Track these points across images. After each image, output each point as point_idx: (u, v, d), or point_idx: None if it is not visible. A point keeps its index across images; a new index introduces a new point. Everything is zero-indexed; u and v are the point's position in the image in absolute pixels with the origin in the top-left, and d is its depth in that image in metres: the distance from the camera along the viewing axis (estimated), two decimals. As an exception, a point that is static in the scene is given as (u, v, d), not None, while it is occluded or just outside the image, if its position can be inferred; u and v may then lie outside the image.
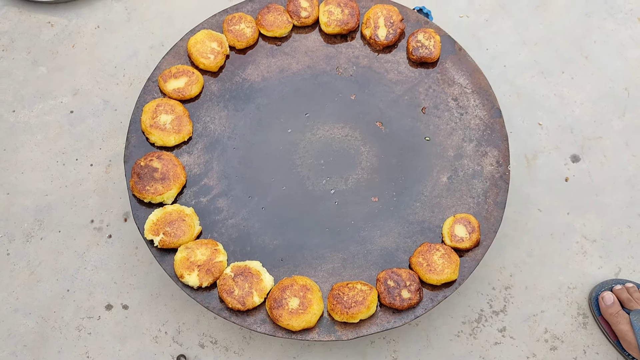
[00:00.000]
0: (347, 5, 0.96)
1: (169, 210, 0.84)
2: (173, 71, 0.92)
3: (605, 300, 0.92)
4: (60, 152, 1.06)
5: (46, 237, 1.00)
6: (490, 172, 0.89)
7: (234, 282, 0.79)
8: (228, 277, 0.80)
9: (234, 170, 0.90)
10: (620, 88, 1.12)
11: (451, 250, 0.82)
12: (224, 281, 0.80)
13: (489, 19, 1.18)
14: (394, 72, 0.95)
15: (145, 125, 0.88)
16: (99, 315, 0.95)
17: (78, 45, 1.16)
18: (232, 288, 0.79)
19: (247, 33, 0.95)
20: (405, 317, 0.80)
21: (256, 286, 0.80)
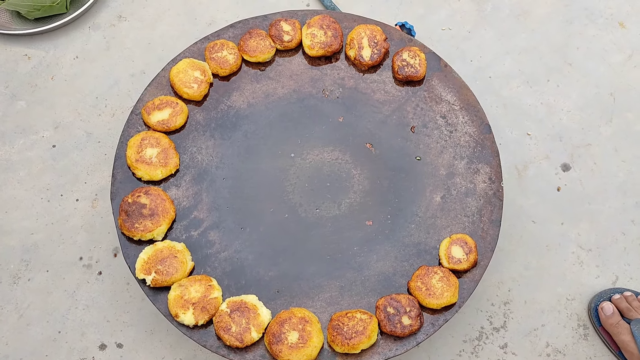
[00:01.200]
0: (330, 27, 0.95)
1: (159, 248, 0.82)
2: (156, 103, 0.90)
3: (604, 310, 0.91)
4: (44, 189, 1.04)
5: (34, 277, 0.98)
6: (483, 190, 0.88)
7: (230, 319, 0.78)
8: (224, 313, 0.78)
9: (224, 200, 0.88)
10: (605, 94, 1.12)
11: (449, 273, 0.81)
12: (220, 318, 0.78)
13: (472, 30, 1.18)
14: (381, 92, 0.94)
15: (131, 160, 0.86)
16: (93, 356, 0.93)
17: (57, 76, 1.13)
18: (229, 325, 0.77)
19: (229, 60, 0.94)
20: (407, 343, 0.78)
21: (253, 321, 0.78)
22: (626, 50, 1.16)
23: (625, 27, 1.18)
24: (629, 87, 1.12)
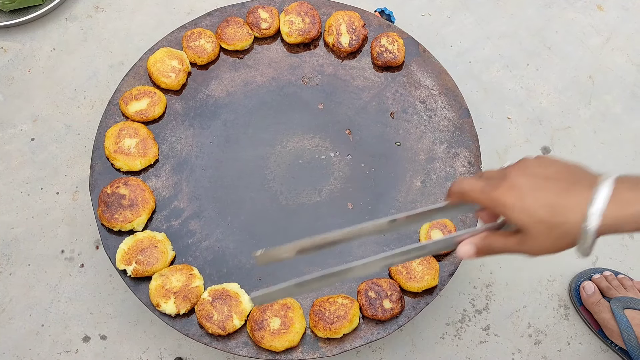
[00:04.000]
0: (308, 14, 0.94)
1: (140, 238, 0.81)
2: (134, 93, 0.90)
3: (586, 290, 0.92)
4: (24, 182, 1.03)
5: (15, 271, 0.97)
6: (462, 174, 0.88)
7: (212, 307, 0.78)
8: (206, 302, 0.78)
9: (205, 190, 0.88)
10: (584, 76, 1.13)
11: (430, 256, 0.82)
12: (202, 306, 0.78)
13: (451, 15, 1.18)
14: (360, 79, 0.94)
15: (109, 151, 0.86)
16: (77, 349, 0.93)
17: (34, 69, 1.12)
18: (211, 313, 0.77)
19: (207, 48, 0.93)
20: (388, 327, 0.79)
21: (235, 309, 0.78)
22: (604, 33, 1.17)
23: (604, 10, 1.19)
24: (607, 70, 1.13)
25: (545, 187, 0.49)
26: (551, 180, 0.49)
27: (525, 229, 0.49)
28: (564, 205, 0.48)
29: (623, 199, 0.46)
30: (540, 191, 0.49)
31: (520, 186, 0.49)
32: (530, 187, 0.49)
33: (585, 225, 0.47)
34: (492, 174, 0.54)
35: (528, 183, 0.49)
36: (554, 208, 0.48)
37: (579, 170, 0.50)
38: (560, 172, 0.50)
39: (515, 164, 0.53)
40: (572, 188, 0.48)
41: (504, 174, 0.52)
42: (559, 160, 0.52)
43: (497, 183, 0.51)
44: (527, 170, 0.51)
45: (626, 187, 0.47)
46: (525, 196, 0.49)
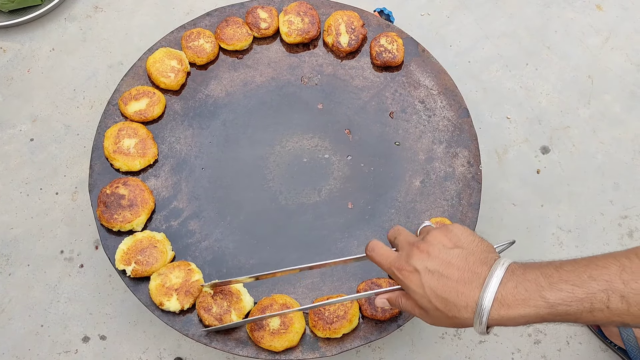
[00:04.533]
0: (307, 14, 0.94)
1: (139, 238, 0.81)
2: (133, 93, 0.90)
3: (584, 290, 0.92)
4: (23, 183, 1.03)
5: (15, 272, 0.97)
6: (462, 173, 0.88)
7: (212, 300, 0.78)
8: (207, 294, 0.78)
9: (204, 190, 0.88)
10: (583, 76, 1.13)
11: (429, 256, 0.81)
12: (203, 299, 0.78)
13: (450, 15, 1.18)
14: (359, 78, 0.94)
15: (109, 151, 0.86)
16: (76, 349, 0.93)
17: (33, 69, 1.12)
18: (211, 305, 0.78)
19: (206, 48, 0.93)
20: (388, 327, 0.79)
21: (235, 305, 0.78)
22: (603, 33, 1.17)
23: (603, 9, 1.19)
24: (607, 69, 1.13)
25: (443, 280, 0.55)
26: (451, 269, 0.55)
27: (425, 310, 0.57)
28: (455, 304, 0.54)
29: (506, 301, 0.52)
30: (438, 283, 0.55)
31: (422, 274, 0.56)
32: (429, 278, 0.56)
33: (475, 322, 0.53)
34: (404, 242, 0.61)
35: (428, 272, 0.56)
36: (448, 304, 0.54)
37: (476, 260, 0.55)
38: (459, 261, 0.55)
39: (425, 239, 0.59)
40: (464, 287, 0.54)
41: (411, 249, 0.59)
42: (463, 243, 0.57)
43: (404, 263, 0.58)
44: (431, 253, 0.57)
45: (511, 285, 0.52)
46: (424, 286, 0.56)
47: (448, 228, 0.59)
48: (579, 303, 0.49)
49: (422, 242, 0.58)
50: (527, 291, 0.51)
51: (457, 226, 0.60)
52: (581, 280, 0.50)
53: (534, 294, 0.51)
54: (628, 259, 0.49)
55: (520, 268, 0.53)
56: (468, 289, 0.53)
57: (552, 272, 0.51)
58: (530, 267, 0.53)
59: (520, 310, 0.51)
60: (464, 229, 0.59)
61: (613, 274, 0.49)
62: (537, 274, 0.52)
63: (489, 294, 0.52)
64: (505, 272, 0.53)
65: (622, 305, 0.48)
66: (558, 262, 0.53)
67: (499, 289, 0.52)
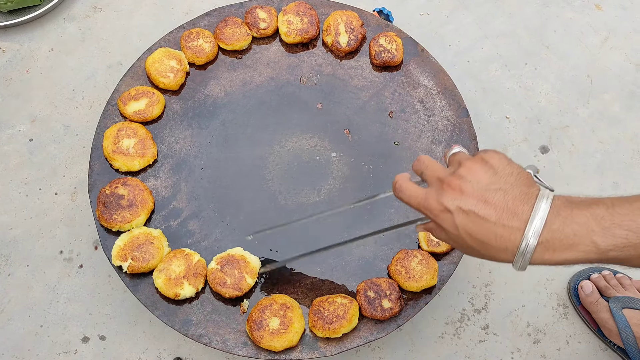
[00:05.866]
0: (306, 14, 0.94)
1: (135, 234, 0.81)
2: (132, 93, 0.90)
3: (584, 289, 0.92)
4: (22, 183, 1.03)
5: (14, 272, 0.97)
6: (461, 173, 0.88)
7: (223, 273, 0.79)
8: (216, 270, 0.80)
9: (203, 190, 0.88)
10: (582, 76, 1.13)
11: (429, 256, 0.82)
12: (214, 275, 0.80)
13: (449, 15, 1.18)
14: (359, 78, 0.94)
15: (108, 151, 0.86)
16: (76, 349, 0.93)
17: (32, 69, 1.12)
18: (224, 279, 0.79)
19: (206, 48, 0.93)
20: (388, 327, 0.79)
21: (245, 269, 0.80)
22: (602, 32, 1.17)
23: (602, 9, 1.19)
24: (606, 69, 1.13)
25: (479, 222, 0.50)
26: (488, 208, 0.49)
27: (461, 247, 0.53)
28: (493, 246, 0.50)
29: (551, 245, 0.47)
30: (474, 225, 0.50)
31: (455, 214, 0.51)
32: (463, 218, 0.50)
33: (515, 263, 0.49)
34: (433, 177, 0.54)
35: (462, 213, 0.50)
36: (485, 246, 0.50)
37: (516, 196, 0.49)
38: (498, 198, 0.50)
39: (457, 173, 0.52)
40: (503, 230, 0.49)
41: (441, 186, 0.52)
42: (501, 177, 0.51)
43: (434, 203, 0.52)
44: (464, 190, 0.51)
45: (558, 227, 0.47)
46: (458, 227, 0.51)
47: (483, 159, 0.52)
48: (632, 249, 0.46)
49: (454, 176, 0.52)
50: (576, 235, 0.46)
51: (493, 155, 0.52)
52: (637, 224, 0.45)
53: (584, 239, 0.46)
54: None
55: (566, 206, 0.48)
56: (508, 232, 0.48)
57: (603, 213, 0.47)
58: (578, 206, 0.48)
59: (567, 255, 0.47)
60: (500, 158, 0.52)
61: None
62: (587, 216, 0.47)
63: (532, 239, 0.47)
64: (550, 212, 0.47)
65: None
66: (609, 200, 0.48)
67: (543, 232, 0.47)
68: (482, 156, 0.52)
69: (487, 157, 0.52)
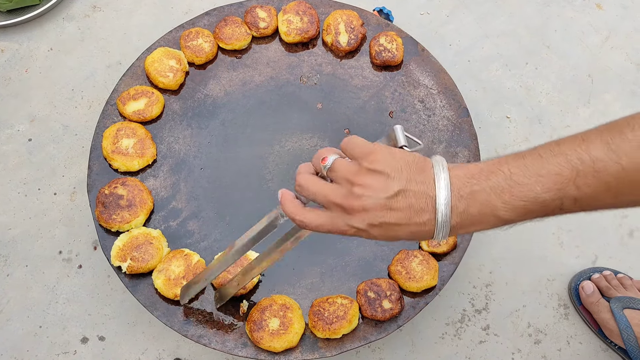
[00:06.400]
0: (306, 13, 0.94)
1: (135, 235, 0.81)
2: (132, 93, 0.89)
3: (585, 289, 0.92)
4: (21, 183, 1.02)
5: (13, 273, 0.97)
6: (462, 173, 0.88)
7: (226, 272, 0.80)
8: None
9: (203, 190, 0.87)
10: (583, 75, 1.13)
11: (429, 256, 0.81)
12: (220, 280, 0.80)
13: (450, 14, 1.18)
14: (359, 78, 0.94)
15: (107, 151, 0.85)
16: (75, 350, 0.92)
17: (31, 69, 1.11)
18: (227, 277, 0.80)
19: (205, 48, 0.93)
20: (388, 327, 0.79)
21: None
22: (603, 32, 1.16)
23: (602, 8, 1.19)
24: (606, 68, 1.13)
25: (391, 228, 0.50)
26: (394, 214, 0.50)
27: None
28: (412, 238, 0.51)
29: (462, 225, 0.49)
30: (387, 232, 0.51)
31: (368, 230, 0.51)
32: (377, 231, 0.51)
33: (434, 239, 0.51)
34: (332, 205, 0.52)
35: (374, 227, 0.50)
36: (406, 240, 0.51)
37: (416, 193, 0.50)
38: (399, 203, 0.50)
39: (353, 192, 0.51)
40: (415, 227, 0.50)
41: (343, 211, 0.51)
42: (395, 177, 0.50)
43: (346, 227, 0.51)
44: (366, 207, 0.50)
45: (462, 207, 0.48)
46: (377, 237, 0.51)
47: (369, 169, 0.50)
48: (533, 214, 0.48)
49: (351, 198, 0.51)
50: (481, 213, 0.48)
51: (375, 159, 0.51)
52: (534, 194, 0.47)
53: (488, 216, 0.48)
54: (580, 160, 0.46)
55: (466, 184, 0.49)
56: (422, 226, 0.50)
57: (503, 185, 0.48)
58: (478, 180, 0.49)
59: (476, 228, 0.50)
60: (383, 159, 0.51)
61: (567, 182, 0.46)
62: (487, 191, 0.48)
63: (445, 225, 0.49)
64: (452, 195, 0.48)
65: (575, 206, 0.48)
66: (506, 167, 0.49)
67: (452, 218, 0.49)
68: (367, 166, 0.51)
69: (372, 165, 0.50)
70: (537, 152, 0.48)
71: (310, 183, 0.54)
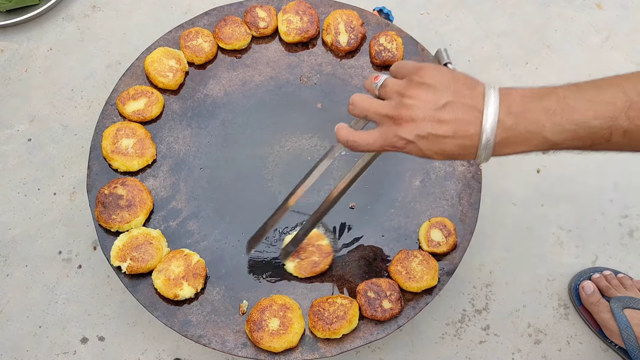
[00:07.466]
0: (306, 13, 0.94)
1: (134, 235, 0.81)
2: (131, 93, 0.89)
3: (585, 289, 0.92)
4: (20, 183, 1.02)
5: (12, 273, 0.97)
6: (462, 173, 0.88)
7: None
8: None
9: (203, 190, 0.87)
10: (583, 75, 1.12)
11: (429, 256, 0.81)
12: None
13: (450, 14, 1.18)
14: (359, 78, 0.94)
15: (107, 151, 0.85)
16: (75, 350, 0.92)
17: (31, 69, 1.11)
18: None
19: (205, 47, 0.93)
20: (388, 327, 0.78)
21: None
22: (603, 32, 1.16)
23: (603, 8, 1.19)
24: (607, 68, 1.13)
25: (439, 141, 0.52)
26: (443, 127, 0.51)
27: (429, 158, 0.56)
28: (458, 155, 0.53)
29: (507, 142, 0.50)
30: (434, 145, 0.53)
31: (416, 142, 0.53)
32: (424, 143, 0.53)
33: (477, 159, 0.53)
34: (381, 117, 0.56)
35: (421, 139, 0.53)
36: (450, 156, 0.53)
37: (465, 106, 0.51)
38: (448, 114, 0.51)
39: (403, 103, 0.53)
40: (462, 140, 0.51)
41: (392, 123, 0.54)
42: (445, 91, 0.52)
43: (395, 139, 0.54)
44: (415, 118, 0.52)
45: (510, 124, 0.50)
46: (423, 150, 0.53)
47: (420, 82, 0.53)
48: (579, 141, 0.48)
49: (401, 108, 0.53)
50: (528, 132, 0.49)
51: (425, 73, 0.53)
52: (585, 119, 0.47)
53: (536, 135, 0.49)
54: (636, 92, 0.47)
55: (519, 102, 0.50)
56: (467, 140, 0.51)
57: (555, 106, 0.49)
58: (530, 100, 0.50)
59: (521, 148, 0.51)
60: (433, 73, 0.53)
61: (619, 111, 0.47)
62: (539, 110, 0.49)
63: (489, 142, 0.50)
64: (501, 110, 0.50)
65: (624, 140, 0.48)
66: (561, 91, 0.50)
67: (497, 132, 0.50)
68: (417, 80, 0.54)
69: (422, 79, 0.53)
70: (593, 82, 0.50)
71: (362, 100, 0.59)
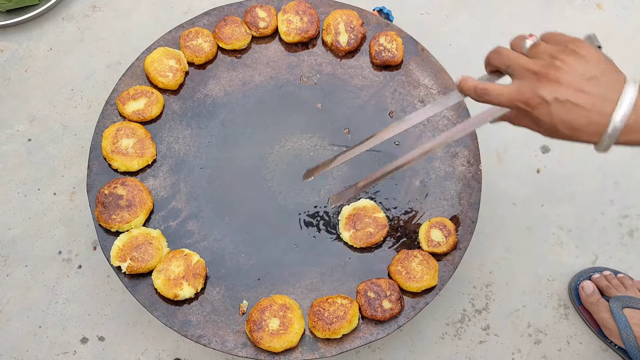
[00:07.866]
0: (306, 13, 0.94)
1: (134, 235, 0.81)
2: (131, 93, 0.89)
3: (585, 289, 0.92)
4: (20, 183, 1.02)
5: (12, 273, 0.97)
6: (462, 173, 0.88)
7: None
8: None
9: (203, 190, 0.87)
10: (583, 75, 1.12)
11: (429, 256, 0.81)
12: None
13: (450, 14, 1.18)
14: (359, 78, 0.94)
15: (107, 151, 0.85)
16: (75, 350, 0.92)
17: (31, 69, 1.11)
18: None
19: (205, 48, 0.93)
20: (388, 327, 0.78)
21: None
22: (603, 32, 1.16)
23: (603, 8, 1.19)
24: (607, 68, 1.13)
25: (574, 110, 0.53)
26: (583, 97, 0.52)
27: (548, 133, 0.57)
28: (584, 131, 0.53)
29: (636, 127, 0.51)
30: (569, 113, 0.53)
31: (552, 105, 0.53)
32: (559, 108, 0.53)
33: (599, 145, 0.53)
34: (522, 70, 0.56)
35: (558, 103, 0.53)
36: (576, 132, 0.53)
37: (608, 83, 0.53)
38: (592, 87, 0.53)
39: (555, 65, 0.54)
40: (595, 115, 0.52)
41: (537, 79, 0.54)
42: (596, 67, 0.53)
43: (530, 95, 0.54)
44: (562, 81, 0.53)
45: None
46: (553, 116, 0.54)
47: (574, 50, 0.54)
48: None
49: (550, 68, 0.54)
50: None
51: (581, 45, 0.54)
52: None
53: None
54: None
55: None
56: (600, 117, 0.52)
57: None
58: None
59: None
60: (588, 47, 0.55)
61: None
62: None
63: (619, 122, 0.51)
64: (638, 96, 0.52)
65: None
66: None
67: (631, 115, 0.51)
68: (572, 48, 0.54)
69: (577, 48, 0.54)
70: None
71: (509, 51, 0.60)
